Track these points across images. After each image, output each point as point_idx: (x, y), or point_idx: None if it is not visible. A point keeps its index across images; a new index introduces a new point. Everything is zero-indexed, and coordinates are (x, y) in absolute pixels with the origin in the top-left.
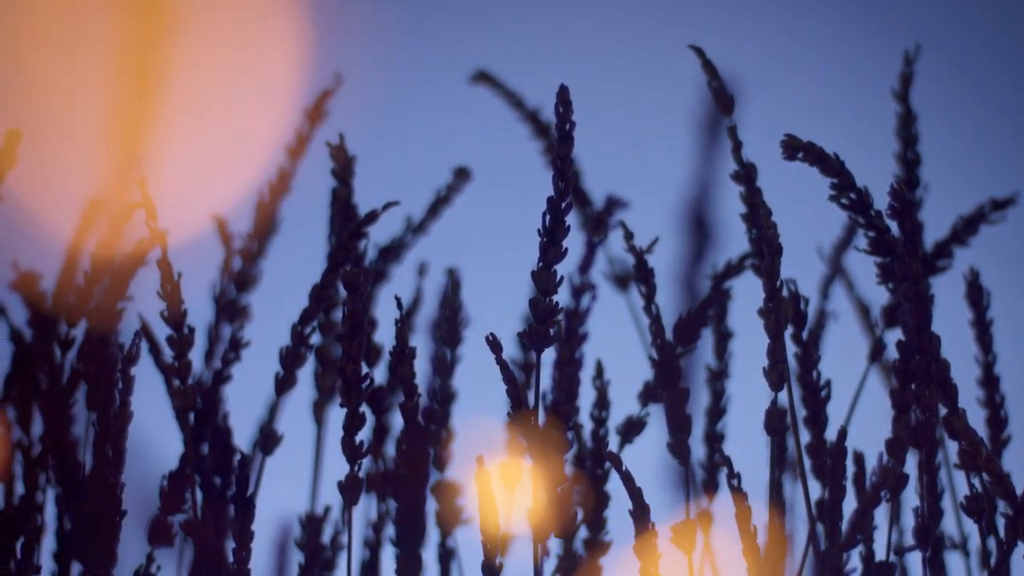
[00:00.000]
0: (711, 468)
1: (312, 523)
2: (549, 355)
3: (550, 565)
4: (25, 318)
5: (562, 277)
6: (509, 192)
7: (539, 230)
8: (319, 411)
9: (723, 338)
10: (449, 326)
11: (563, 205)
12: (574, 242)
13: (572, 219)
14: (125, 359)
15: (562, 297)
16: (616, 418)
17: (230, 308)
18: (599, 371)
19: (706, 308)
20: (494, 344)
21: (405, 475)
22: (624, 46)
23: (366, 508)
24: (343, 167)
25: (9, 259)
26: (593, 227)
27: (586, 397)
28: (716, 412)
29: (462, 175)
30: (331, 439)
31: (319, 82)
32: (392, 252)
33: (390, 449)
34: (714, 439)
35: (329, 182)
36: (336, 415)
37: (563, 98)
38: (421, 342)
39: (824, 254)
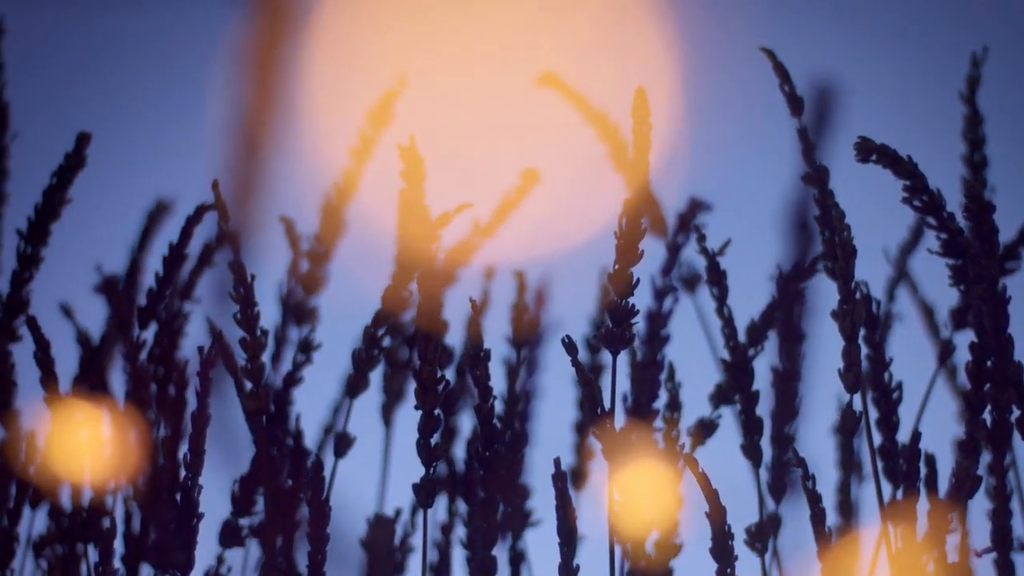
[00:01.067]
0: (781, 470)
1: (383, 525)
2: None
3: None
4: (103, 320)
5: (638, 279)
6: (576, 194)
7: (615, 232)
8: (388, 413)
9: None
10: (521, 329)
11: (639, 207)
12: (648, 244)
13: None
14: (205, 362)
15: (641, 299)
16: (686, 420)
17: (298, 310)
18: (671, 373)
19: (782, 309)
20: (570, 347)
21: (482, 477)
22: (704, 50)
23: (432, 510)
24: (413, 169)
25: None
26: (673, 230)
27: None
28: (788, 414)
29: (530, 177)
30: (397, 441)
31: (385, 83)
32: (460, 254)
33: (458, 451)
34: (785, 441)
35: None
36: (402, 417)
37: (640, 100)
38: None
39: (890, 256)
